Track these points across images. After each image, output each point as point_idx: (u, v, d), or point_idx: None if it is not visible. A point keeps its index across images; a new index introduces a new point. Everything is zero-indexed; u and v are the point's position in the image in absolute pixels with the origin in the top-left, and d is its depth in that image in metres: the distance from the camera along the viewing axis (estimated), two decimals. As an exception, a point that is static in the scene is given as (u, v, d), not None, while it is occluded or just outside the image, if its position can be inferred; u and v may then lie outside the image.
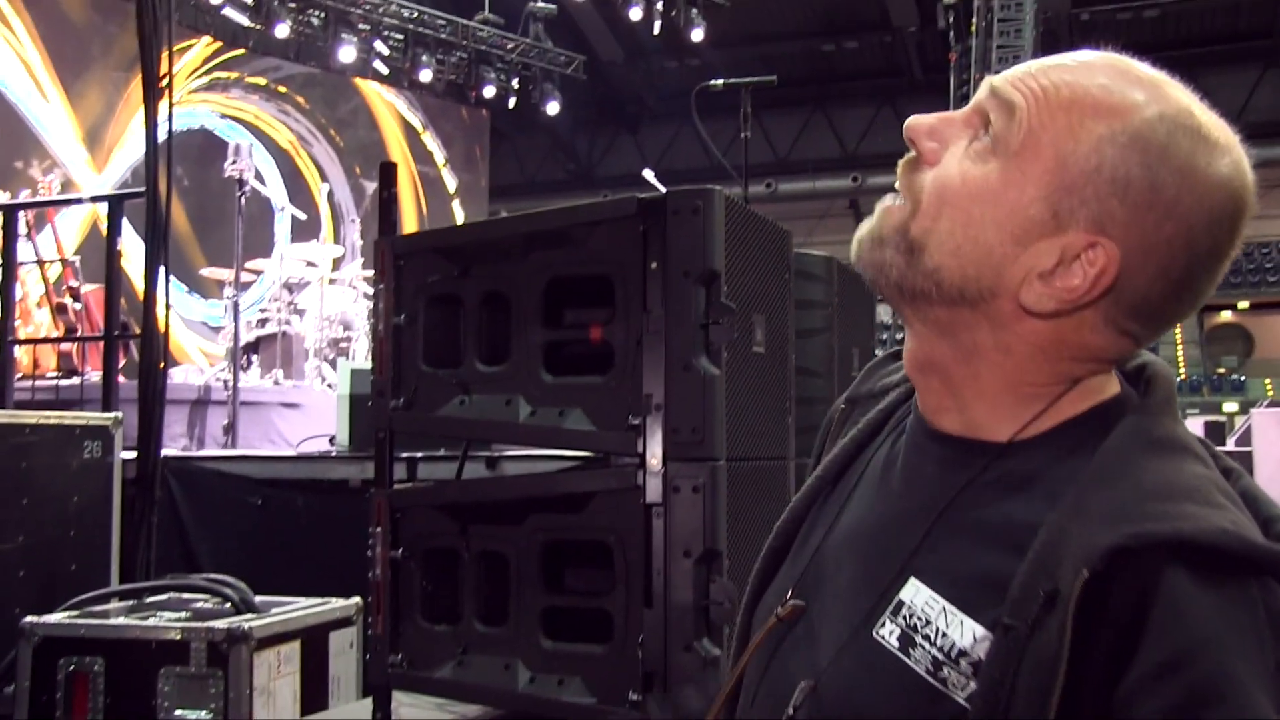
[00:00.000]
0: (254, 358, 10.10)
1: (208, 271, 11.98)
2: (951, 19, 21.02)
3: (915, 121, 1.04)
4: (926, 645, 0.96)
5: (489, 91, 20.82)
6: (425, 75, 19.81)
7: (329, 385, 10.02)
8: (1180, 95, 1.03)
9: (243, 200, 8.11)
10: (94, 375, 7.97)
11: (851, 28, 29.90)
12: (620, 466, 2.30)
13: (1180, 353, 29.37)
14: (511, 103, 21.62)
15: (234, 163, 8.14)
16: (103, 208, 5.71)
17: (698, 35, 21.12)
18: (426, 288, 2.47)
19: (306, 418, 8.55)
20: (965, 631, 0.95)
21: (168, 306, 4.61)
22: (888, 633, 0.99)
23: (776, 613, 1.10)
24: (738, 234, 2.32)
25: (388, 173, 2.56)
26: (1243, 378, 28.03)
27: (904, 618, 0.99)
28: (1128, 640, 0.86)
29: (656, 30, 20.98)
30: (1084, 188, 0.97)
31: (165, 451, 5.29)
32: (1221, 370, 29.33)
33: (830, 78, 27.29)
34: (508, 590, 2.38)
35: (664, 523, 2.20)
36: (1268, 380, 27.63)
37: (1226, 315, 32.84)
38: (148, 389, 4.03)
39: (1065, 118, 0.98)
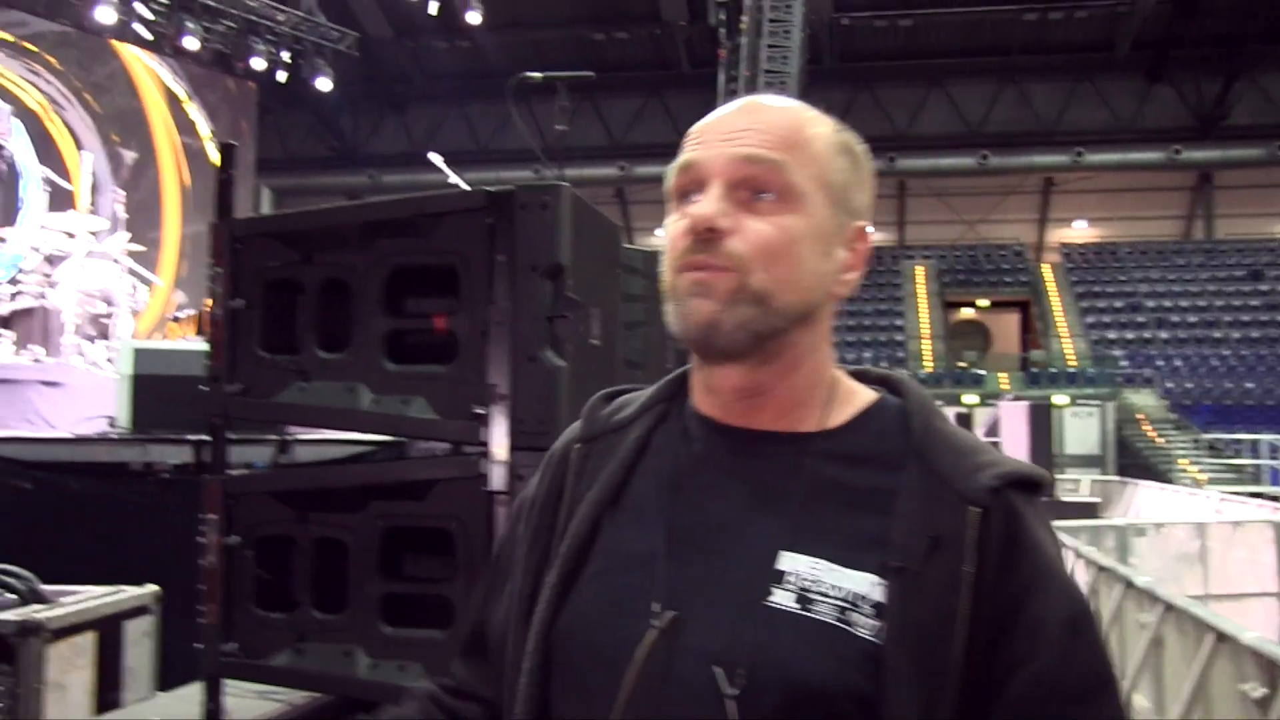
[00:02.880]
0: (3, 333, 9.56)
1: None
2: (723, 16, 21.51)
3: (701, 214, 1.20)
4: (823, 599, 1.14)
5: (258, 63, 20.17)
6: (190, 43, 19.06)
7: (93, 364, 9.58)
8: None
9: (12, 165, 7.67)
10: None
11: (622, 19, 30.28)
12: (463, 455, 2.34)
13: (927, 347, 30.95)
14: (281, 76, 21.00)
15: (-8, 126, 7.70)
16: None
17: (474, 18, 21.00)
18: (265, 272, 2.44)
19: (68, 397, 8.17)
20: (857, 580, 1.14)
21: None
22: (782, 599, 1.14)
23: (654, 625, 1.18)
24: (579, 229, 2.39)
25: (227, 153, 2.52)
26: (981, 371, 29.71)
27: (792, 583, 1.15)
28: (1006, 555, 1.15)
29: (434, 10, 20.72)
30: (841, 193, 1.26)
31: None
32: (962, 364, 31.04)
33: (600, 67, 27.55)
34: (346, 577, 2.39)
35: (507, 510, 2.25)
36: (1002, 374, 29.38)
37: (968, 312, 34.81)
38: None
39: (807, 152, 1.23)
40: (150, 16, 18.65)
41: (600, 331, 2.52)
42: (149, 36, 19.39)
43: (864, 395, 1.29)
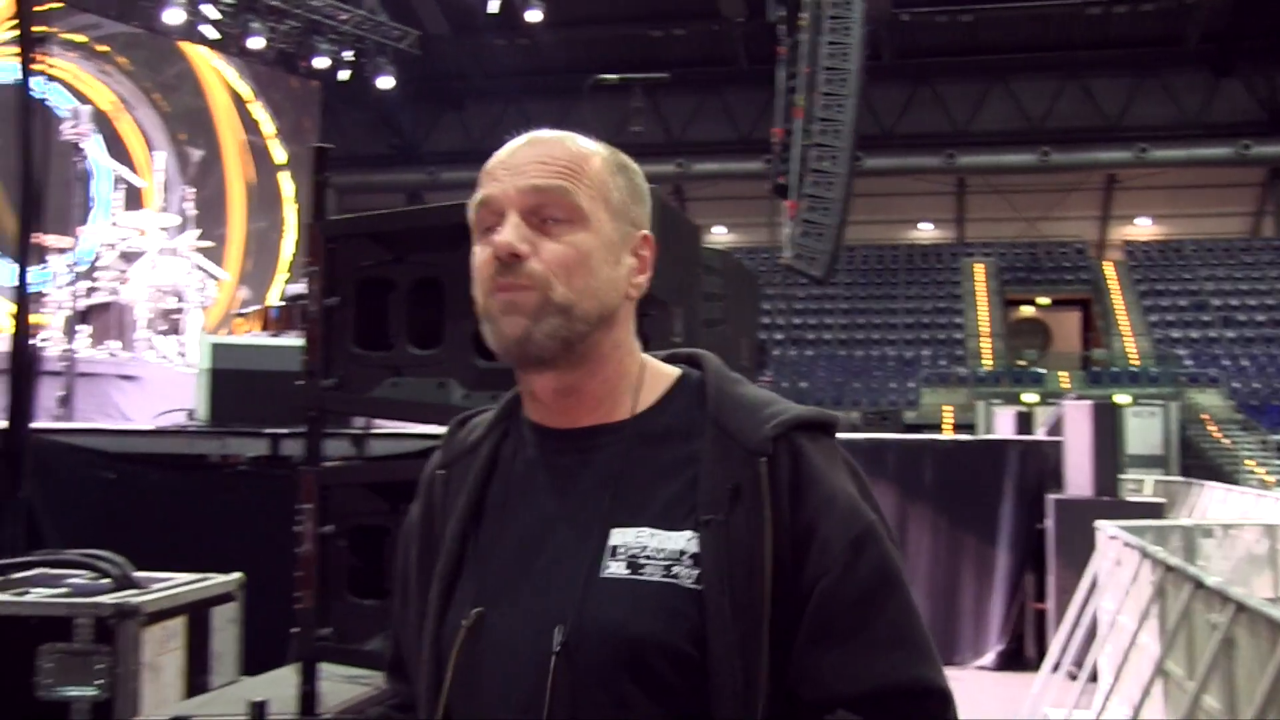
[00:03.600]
0: (80, 328, 9.76)
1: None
2: (782, 12, 21.44)
3: (500, 242, 1.35)
4: (651, 561, 1.31)
5: (321, 62, 20.43)
6: (256, 43, 19.34)
7: (164, 358, 9.79)
8: None
9: (80, 165, 7.86)
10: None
11: (680, 16, 30.28)
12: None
13: (986, 345, 30.69)
14: (344, 75, 21.24)
15: (73, 126, 7.89)
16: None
17: (535, 16, 21.10)
18: (359, 271, 2.53)
19: (144, 391, 8.36)
20: (677, 539, 1.31)
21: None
22: (615, 569, 1.32)
23: (464, 624, 1.37)
24: (664, 229, 2.45)
25: (320, 156, 2.61)
26: (1041, 370, 29.42)
27: (623, 554, 1.32)
28: (795, 491, 1.32)
29: (494, 8, 20.85)
30: (621, 207, 1.42)
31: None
32: (1022, 362, 30.76)
33: (658, 64, 27.60)
34: (437, 566, 2.47)
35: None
36: (1063, 372, 29.08)
37: (1028, 310, 34.48)
38: (20, 361, 3.91)
39: (587, 175, 1.39)
40: (217, 17, 18.95)
41: (682, 329, 2.58)
42: (215, 36, 19.71)
43: (667, 376, 1.46)
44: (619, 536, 1.33)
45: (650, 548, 1.32)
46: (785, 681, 1.31)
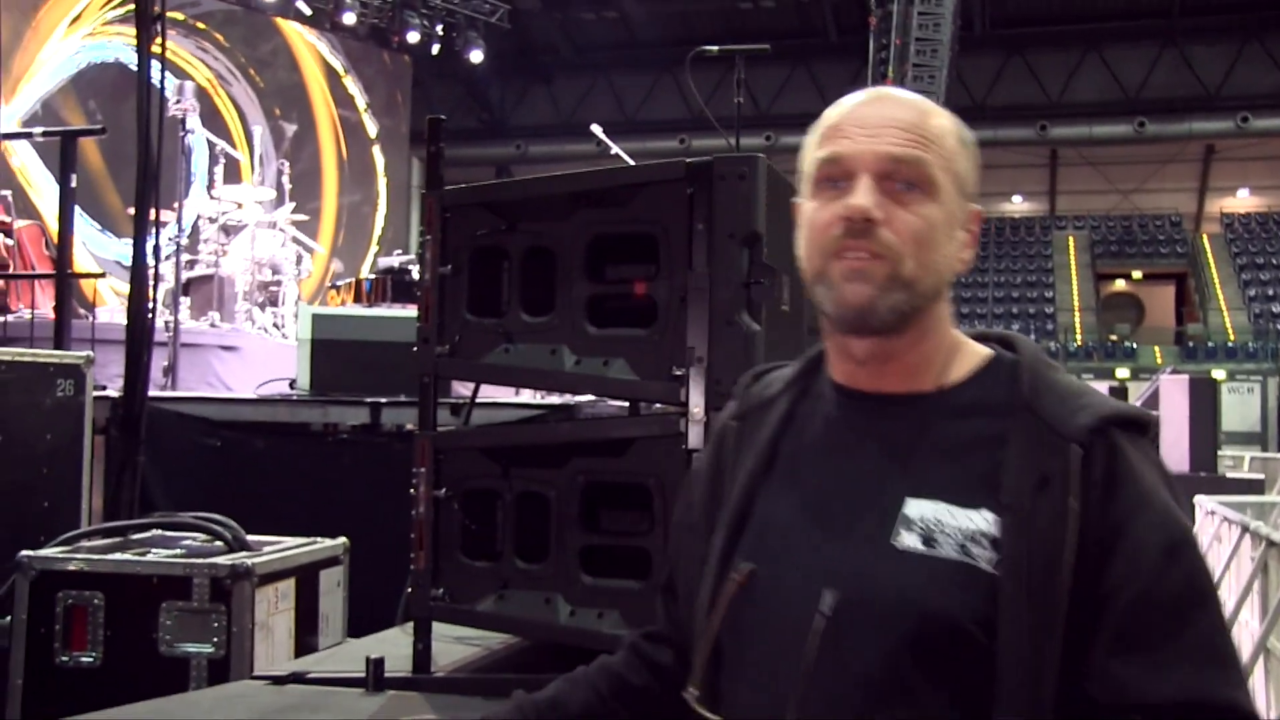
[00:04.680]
0: (183, 300, 9.98)
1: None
2: (873, -17, 21.21)
3: (856, 205, 1.34)
4: (947, 537, 1.29)
5: (413, 37, 20.61)
6: (349, 18, 19.57)
7: (262, 329, 9.98)
8: None
9: (185, 140, 8.03)
10: (26, 313, 7.86)
11: (770, -13, 30.08)
12: (663, 414, 2.45)
13: (1077, 319, 30.20)
14: (435, 49, 21.41)
15: (178, 102, 8.06)
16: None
17: (625, -12, 21.05)
18: (472, 240, 2.58)
19: (244, 361, 8.53)
20: (975, 519, 1.29)
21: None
22: (906, 539, 1.31)
23: (733, 578, 1.38)
24: (773, 198, 2.47)
25: (434, 127, 2.65)
26: (1134, 345, 28.89)
27: (917, 526, 1.31)
28: (1108, 488, 1.27)
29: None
30: (964, 181, 1.41)
31: (111, 392, 5.30)
32: (1114, 337, 30.23)
33: (746, 36, 27.39)
34: (548, 529, 2.52)
35: (704, 468, 2.35)
36: (1156, 347, 28.53)
37: (1120, 284, 33.84)
38: (136, 331, 4.04)
39: (940, 146, 1.38)
40: (310, -8, 19.20)
41: (790, 297, 2.60)
42: (309, 12, 19.96)
43: (981, 354, 1.44)
44: (914, 507, 1.32)
45: (946, 524, 1.29)
46: (1073, 680, 1.24)
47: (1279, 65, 30.34)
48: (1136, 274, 33.49)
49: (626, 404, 2.71)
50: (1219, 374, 24.07)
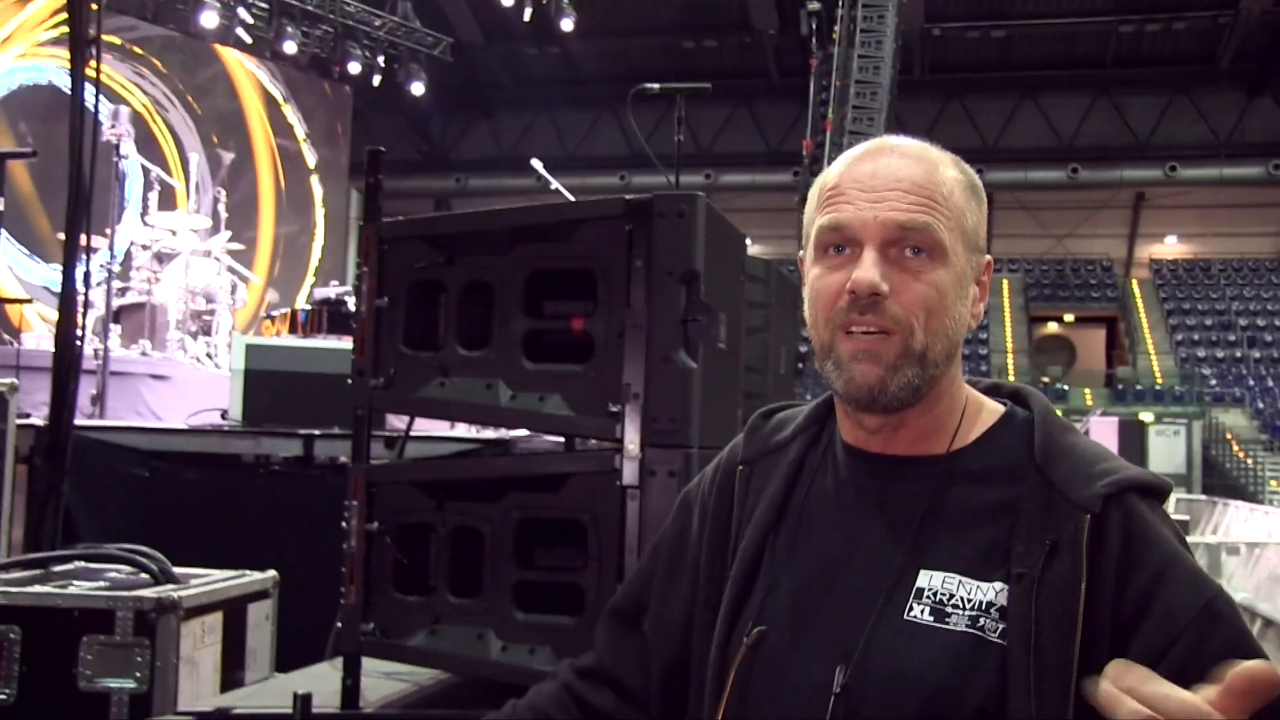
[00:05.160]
0: (113, 327, 9.83)
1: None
2: (814, 25, 21.48)
3: (861, 280, 1.28)
4: (958, 610, 1.24)
5: (354, 67, 20.55)
6: (289, 47, 19.48)
7: (195, 358, 9.86)
8: None
9: (119, 165, 7.94)
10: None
11: (712, 28, 30.31)
12: (598, 450, 2.45)
13: (1010, 361, 30.61)
14: (376, 80, 21.36)
15: (113, 126, 7.98)
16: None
17: (568, 25, 21.18)
18: (410, 273, 2.57)
19: (175, 391, 8.42)
20: (986, 590, 1.24)
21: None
22: (919, 612, 1.25)
23: (745, 641, 1.33)
24: (711, 236, 2.49)
25: (374, 159, 2.65)
26: (1065, 387, 29.32)
27: (929, 599, 1.25)
28: (1127, 555, 1.22)
29: (527, 17, 20.95)
30: (973, 234, 1.36)
31: (35, 420, 5.19)
32: (1046, 379, 30.65)
33: (689, 75, 27.57)
34: (481, 565, 2.50)
35: (639, 504, 2.36)
36: (1087, 389, 28.97)
37: (1053, 327, 34.37)
38: (63, 358, 3.97)
39: (948, 205, 1.32)
40: (251, 21, 19.08)
41: (726, 336, 2.61)
42: (249, 40, 19.84)
43: (991, 411, 1.39)
44: (926, 579, 1.27)
45: (959, 596, 1.25)
46: None
47: (1205, 118, 31.12)
48: (1069, 317, 34.05)
49: (561, 440, 2.71)
50: (1147, 416, 24.52)
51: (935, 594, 1.25)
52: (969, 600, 1.24)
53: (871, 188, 1.31)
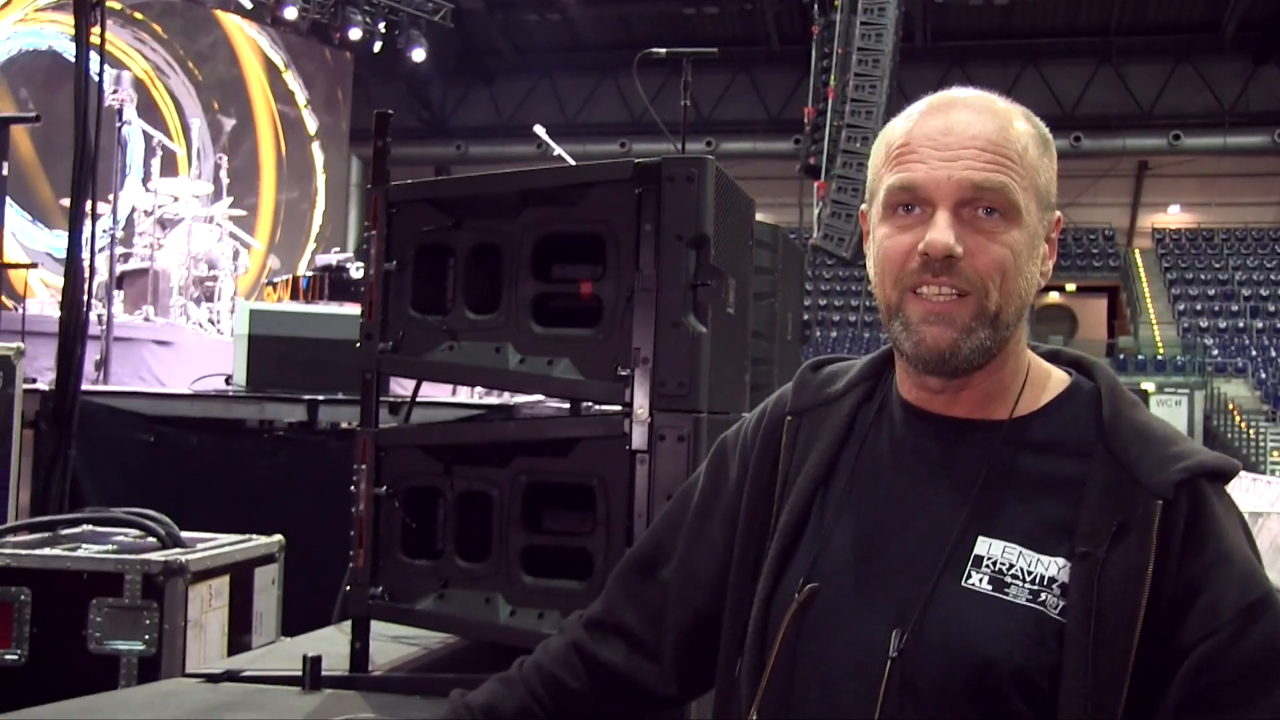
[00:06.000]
0: (116, 293, 9.82)
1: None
2: (817, -8, 21.35)
3: (937, 242, 1.26)
4: (1018, 582, 1.22)
5: (354, 34, 20.46)
6: (290, 12, 19.39)
7: (197, 324, 9.86)
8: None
9: (122, 131, 7.91)
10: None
11: (714, -7, 30.16)
12: (607, 415, 2.45)
13: (1012, 330, 30.57)
14: (377, 47, 21.26)
15: (115, 92, 7.94)
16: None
17: (570, -10, 21.04)
18: (418, 236, 2.56)
19: (178, 357, 8.43)
20: (1048, 564, 1.22)
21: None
22: (977, 581, 1.24)
23: (796, 598, 1.31)
24: (721, 201, 2.48)
25: (382, 122, 2.63)
26: (1066, 356, 29.29)
27: (988, 567, 1.24)
28: (1188, 542, 1.21)
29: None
30: (1046, 192, 1.35)
31: (40, 385, 5.20)
32: (1048, 348, 30.62)
33: (689, 41, 27.38)
34: (490, 529, 2.50)
35: (648, 469, 2.35)
36: (1088, 360, 28.96)
37: (1054, 296, 34.31)
38: (70, 324, 3.96)
39: (1022, 163, 1.30)
40: (252, -14, 19.00)
41: (734, 300, 2.61)
42: (249, 6, 19.73)
43: (1056, 380, 1.36)
44: (985, 546, 1.25)
45: (1019, 567, 1.23)
46: None
47: (1209, 86, 30.96)
48: (1070, 286, 33.98)
49: (567, 406, 2.71)
50: (1149, 386, 24.53)
51: (995, 563, 1.24)
52: (1029, 573, 1.22)
53: (945, 145, 1.28)
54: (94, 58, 4.29)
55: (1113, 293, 33.86)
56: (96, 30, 4.24)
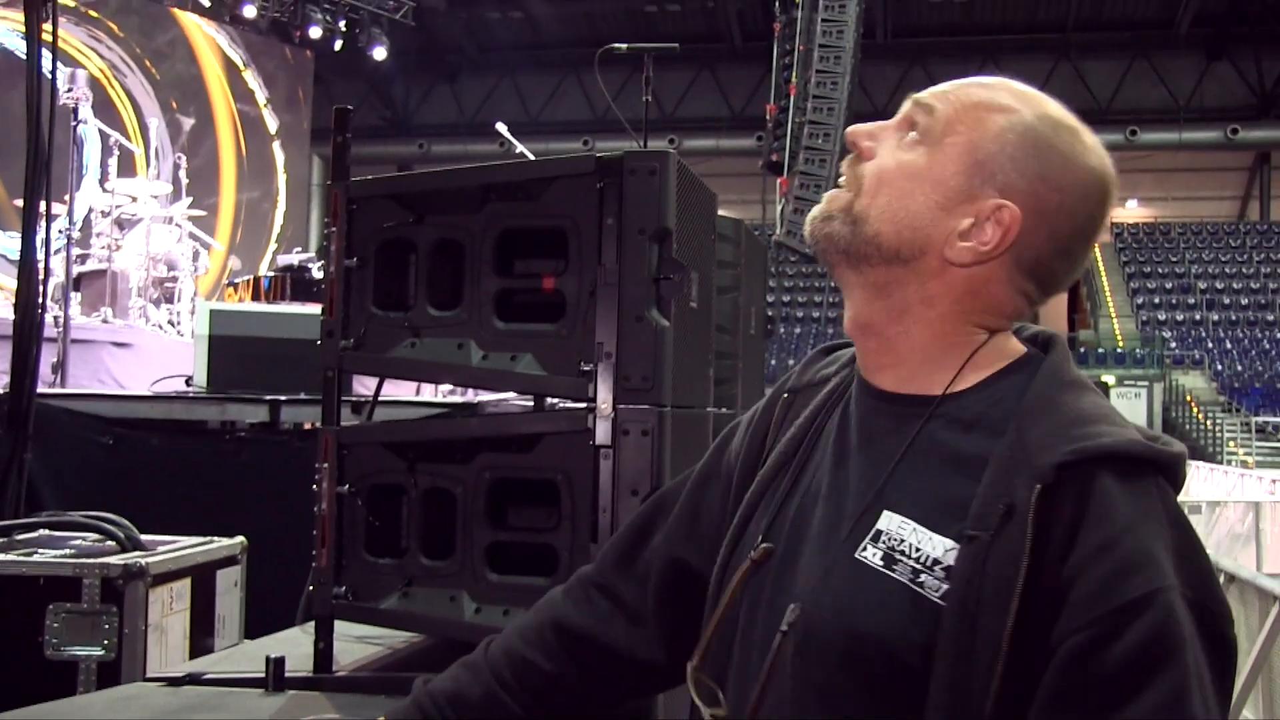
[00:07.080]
0: (73, 295, 9.72)
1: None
2: (778, -11, 21.40)
3: (856, 128, 1.33)
4: (905, 560, 1.19)
5: (315, 32, 20.33)
6: (249, 11, 19.24)
7: (157, 326, 9.76)
8: (1058, 106, 1.35)
9: (78, 130, 7.82)
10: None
11: (675, -10, 30.17)
12: (570, 410, 2.44)
13: (973, 325, 30.79)
14: (338, 45, 21.14)
15: (70, 90, 7.84)
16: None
17: (530, -12, 20.99)
18: (379, 233, 2.54)
19: (138, 358, 8.34)
20: (936, 544, 1.18)
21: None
22: (871, 555, 1.22)
23: (750, 556, 1.32)
24: (683, 195, 2.47)
25: (341, 118, 2.61)
26: (1027, 350, 29.54)
27: (884, 542, 1.21)
28: (1072, 531, 1.12)
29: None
30: (990, 164, 1.27)
31: (-4, 388, 5.12)
32: (1009, 343, 30.86)
33: (651, 38, 27.38)
34: (454, 526, 2.48)
35: (612, 463, 2.34)
36: (1049, 353, 29.19)
37: (1015, 290, 34.56)
38: (25, 324, 3.90)
39: (974, 114, 1.28)
40: (209, -16, 18.83)
41: (697, 294, 2.60)
42: (207, 3, 19.57)
43: (1007, 356, 1.30)
44: (885, 521, 1.22)
45: (909, 544, 1.19)
46: None
47: (1164, 82, 31.28)
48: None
49: (530, 403, 2.69)
50: (1109, 379, 24.76)
51: (890, 537, 1.20)
52: (917, 551, 1.18)
53: (943, 87, 1.34)
54: (46, 55, 4.22)
55: (1074, 286, 34.16)
56: (48, 27, 4.17)
